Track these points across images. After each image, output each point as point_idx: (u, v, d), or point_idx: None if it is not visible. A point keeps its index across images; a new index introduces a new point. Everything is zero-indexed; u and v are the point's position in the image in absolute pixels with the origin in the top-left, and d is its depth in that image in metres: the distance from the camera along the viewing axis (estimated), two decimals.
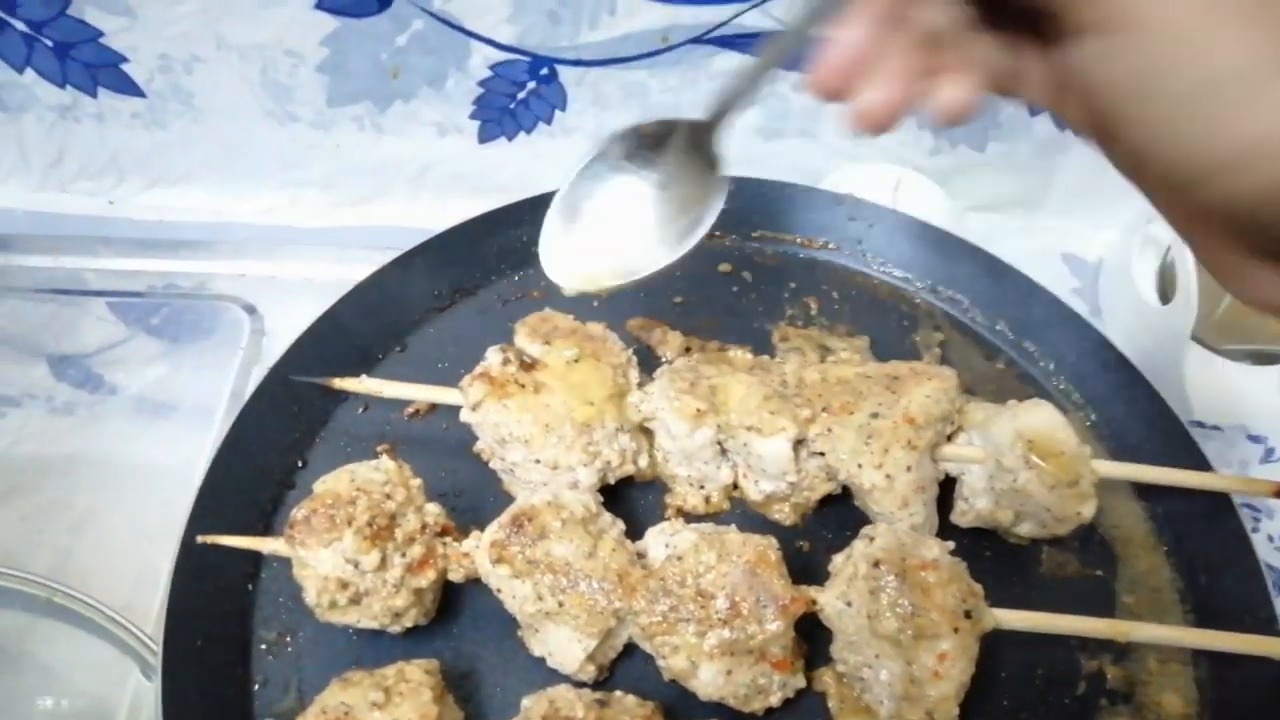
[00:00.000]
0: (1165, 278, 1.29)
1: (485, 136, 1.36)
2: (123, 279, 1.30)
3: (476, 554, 0.83)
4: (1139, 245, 1.32)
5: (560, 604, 0.80)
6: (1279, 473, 1.19)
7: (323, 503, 0.81)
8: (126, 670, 0.96)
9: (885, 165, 1.32)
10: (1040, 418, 0.89)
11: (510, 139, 1.36)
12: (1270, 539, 1.15)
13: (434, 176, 1.41)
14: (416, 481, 0.85)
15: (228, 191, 1.41)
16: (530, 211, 1.15)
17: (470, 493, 0.95)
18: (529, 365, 0.91)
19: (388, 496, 0.82)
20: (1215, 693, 0.87)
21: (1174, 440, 0.98)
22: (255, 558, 0.91)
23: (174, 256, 1.32)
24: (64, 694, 0.97)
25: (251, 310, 1.26)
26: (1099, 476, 0.87)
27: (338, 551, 0.79)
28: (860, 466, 0.88)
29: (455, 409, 0.95)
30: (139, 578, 1.00)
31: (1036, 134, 1.32)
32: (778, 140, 1.35)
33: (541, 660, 0.84)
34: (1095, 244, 1.41)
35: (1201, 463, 0.96)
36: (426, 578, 0.82)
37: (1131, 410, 1.01)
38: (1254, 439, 1.23)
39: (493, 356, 0.92)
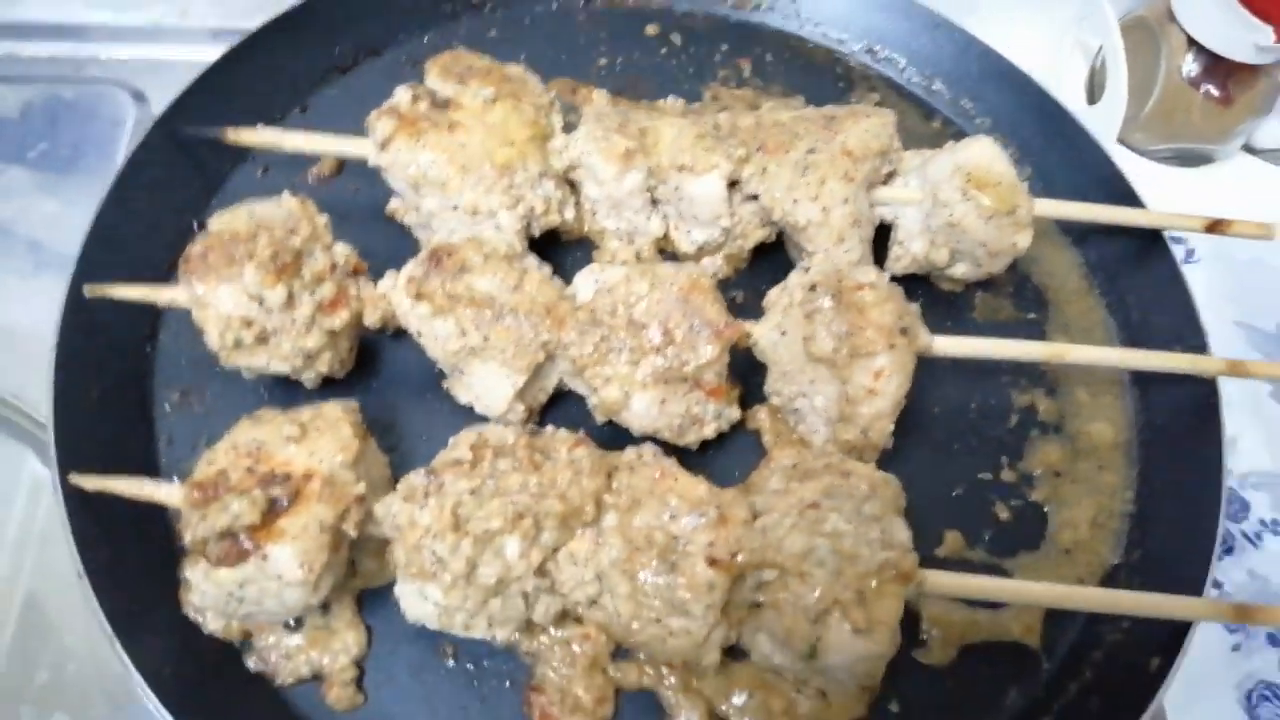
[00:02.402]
0: (1095, 81, 1.26)
1: None
2: None
3: (393, 293, 0.78)
4: (1069, 49, 1.28)
5: (486, 338, 0.75)
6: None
7: (219, 239, 0.74)
8: (21, 457, 0.90)
9: None
10: (978, 150, 0.86)
11: None
12: None
13: None
14: (323, 218, 0.78)
15: (106, 3, 1.26)
16: None
17: (384, 257, 0.88)
18: (441, 104, 0.84)
19: (291, 232, 0.75)
20: (1145, 417, 0.88)
21: (1110, 185, 0.96)
22: (152, 317, 0.84)
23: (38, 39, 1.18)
24: None
25: (140, 97, 1.14)
26: (1035, 209, 0.85)
27: (239, 287, 0.73)
28: (796, 202, 0.84)
29: (363, 171, 0.87)
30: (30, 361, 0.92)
31: None
32: None
33: (467, 410, 0.80)
34: (1026, 52, 1.36)
35: (1138, 205, 0.95)
36: (340, 318, 0.76)
37: (1068, 159, 0.99)
38: (1174, 240, 1.23)
39: (401, 95, 0.85)
